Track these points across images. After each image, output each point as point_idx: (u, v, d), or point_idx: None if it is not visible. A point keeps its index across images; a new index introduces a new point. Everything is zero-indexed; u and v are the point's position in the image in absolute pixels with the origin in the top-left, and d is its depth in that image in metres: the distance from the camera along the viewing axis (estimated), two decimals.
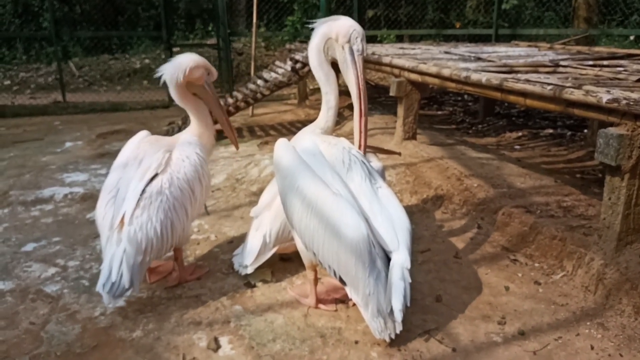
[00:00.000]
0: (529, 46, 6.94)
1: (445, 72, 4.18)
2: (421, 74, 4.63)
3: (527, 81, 3.35)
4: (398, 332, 2.28)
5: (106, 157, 5.49)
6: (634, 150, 2.57)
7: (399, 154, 3.55)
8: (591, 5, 8.81)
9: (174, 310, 2.68)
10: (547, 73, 3.87)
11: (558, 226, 3.20)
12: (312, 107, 8.07)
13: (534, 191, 3.86)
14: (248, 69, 9.92)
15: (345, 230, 2.24)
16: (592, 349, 2.36)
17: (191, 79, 2.86)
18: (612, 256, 2.74)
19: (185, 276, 2.95)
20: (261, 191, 3.25)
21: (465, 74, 3.92)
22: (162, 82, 2.83)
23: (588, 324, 2.54)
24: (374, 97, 8.13)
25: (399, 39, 11.26)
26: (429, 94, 6.70)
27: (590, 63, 4.39)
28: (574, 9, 9.16)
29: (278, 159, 2.52)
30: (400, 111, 5.07)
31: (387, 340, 2.30)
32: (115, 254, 2.50)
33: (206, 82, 2.93)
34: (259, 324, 2.56)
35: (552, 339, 2.43)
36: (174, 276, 2.98)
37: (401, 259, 2.28)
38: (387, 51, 5.98)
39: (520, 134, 6.01)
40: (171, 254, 2.97)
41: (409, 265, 2.27)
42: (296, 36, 10.07)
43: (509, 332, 2.48)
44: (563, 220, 3.30)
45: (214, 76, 2.97)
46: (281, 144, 2.55)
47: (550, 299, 2.77)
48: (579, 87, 2.93)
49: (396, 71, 5.07)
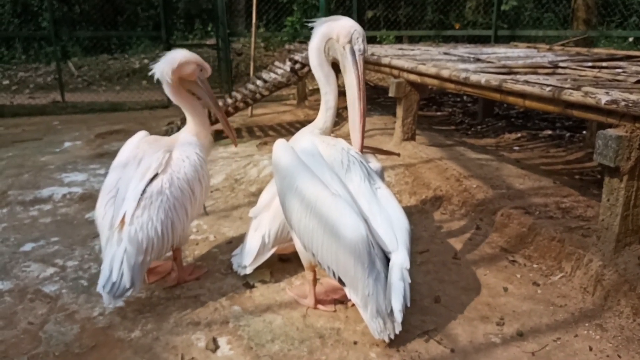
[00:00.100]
0: (528, 47, 6.94)
1: (445, 73, 4.18)
2: (420, 74, 4.63)
3: (526, 82, 3.36)
4: (397, 332, 2.28)
5: (105, 157, 5.49)
6: (633, 152, 2.58)
7: (398, 155, 3.54)
8: (590, 7, 8.82)
9: (172, 310, 2.68)
10: (546, 74, 3.87)
11: (557, 227, 3.20)
12: (311, 107, 8.07)
13: (533, 192, 3.87)
14: (247, 69, 9.91)
15: (344, 231, 2.24)
16: (590, 350, 2.36)
17: (183, 75, 2.85)
18: (610, 257, 2.74)
19: (184, 276, 2.95)
20: (260, 191, 3.25)
21: (464, 75, 3.93)
22: (156, 80, 2.83)
23: (586, 325, 2.55)
24: (373, 98, 8.14)
25: (398, 39, 11.27)
26: (428, 94, 6.72)
27: (589, 64, 4.40)
28: (573, 11, 9.17)
29: (277, 159, 2.51)
30: (399, 112, 5.07)
31: (386, 340, 2.30)
32: (116, 254, 2.50)
33: (199, 78, 2.92)
34: (257, 324, 2.56)
35: (550, 340, 2.43)
36: (172, 276, 2.98)
37: (400, 259, 2.28)
38: (387, 52, 5.99)
39: (519, 135, 6.02)
40: (170, 254, 2.97)
41: (408, 266, 2.27)
42: (295, 37, 10.07)
43: (508, 333, 2.48)
44: (562, 222, 3.31)
45: (207, 72, 2.96)
46: (280, 144, 2.55)
47: (548, 300, 2.77)
48: (578, 89, 2.94)
49: (395, 72, 5.08)
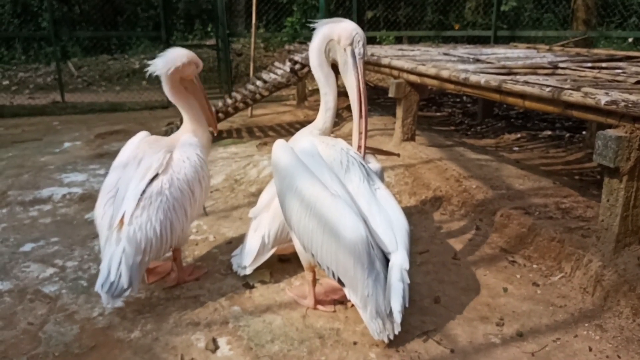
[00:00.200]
0: (528, 48, 6.94)
1: (444, 73, 4.18)
2: (420, 75, 4.63)
3: (526, 83, 3.36)
4: (396, 333, 2.28)
5: (105, 157, 5.49)
6: (632, 152, 2.58)
7: (398, 155, 3.54)
8: (590, 8, 8.82)
9: (172, 310, 2.68)
10: (546, 75, 3.87)
11: (556, 228, 3.20)
12: (311, 108, 8.07)
13: (533, 193, 3.87)
14: (247, 69, 9.91)
15: (343, 232, 2.24)
16: (590, 350, 2.36)
17: (183, 75, 2.87)
18: (610, 258, 2.74)
19: (184, 277, 2.95)
20: (260, 192, 3.25)
21: (464, 75, 3.93)
22: (155, 76, 2.84)
23: (586, 325, 2.55)
24: (373, 99, 8.14)
25: (398, 40, 11.26)
26: (428, 95, 6.72)
27: (589, 65, 4.40)
28: (572, 11, 9.17)
29: (276, 160, 2.51)
30: (399, 112, 5.07)
31: (386, 341, 2.30)
32: (115, 254, 2.50)
33: (194, 75, 2.94)
34: (257, 324, 2.56)
35: (550, 341, 2.43)
36: (172, 277, 2.98)
37: (400, 260, 2.28)
38: (386, 52, 5.99)
39: (518, 135, 6.02)
40: (170, 254, 2.97)
41: (407, 266, 2.27)
42: (295, 37, 10.06)
43: (507, 334, 2.48)
44: (561, 222, 3.31)
45: (200, 67, 2.98)
46: (279, 145, 2.55)
47: (548, 300, 2.77)
48: (577, 89, 2.94)
49: (395, 72, 5.08)
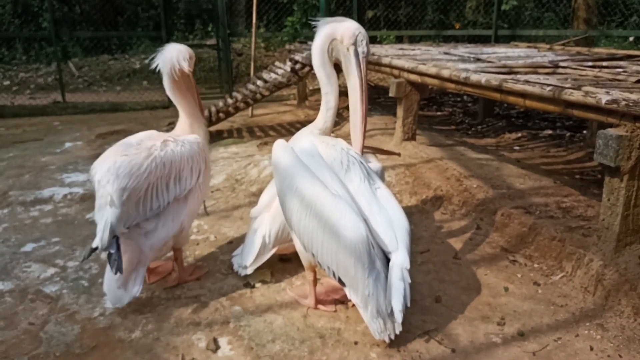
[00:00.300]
0: (529, 47, 6.94)
1: (445, 72, 4.18)
2: (421, 74, 4.63)
3: (527, 82, 3.35)
4: (397, 332, 2.28)
5: None
6: (633, 151, 2.58)
7: (399, 155, 3.54)
8: (590, 7, 8.81)
9: (173, 310, 2.69)
10: (547, 74, 3.87)
11: (557, 227, 3.20)
12: (312, 107, 8.06)
13: (533, 192, 3.87)
14: (248, 69, 9.91)
15: (344, 231, 2.24)
16: (591, 349, 2.36)
17: (185, 69, 2.86)
18: (611, 257, 2.74)
19: (185, 277, 2.95)
20: (260, 192, 3.25)
21: (464, 74, 3.93)
22: (155, 76, 2.83)
23: (587, 324, 2.55)
24: (373, 98, 8.14)
25: (399, 39, 11.27)
26: (429, 94, 6.70)
27: (590, 64, 4.40)
28: (573, 10, 9.16)
29: (276, 160, 2.51)
30: (400, 112, 5.07)
31: (387, 341, 2.30)
32: (105, 211, 2.47)
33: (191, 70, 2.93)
34: (258, 324, 2.56)
35: (551, 340, 2.43)
36: (173, 277, 2.98)
37: (400, 259, 2.28)
38: (387, 52, 5.99)
39: (519, 134, 6.02)
40: (171, 254, 2.97)
41: (408, 266, 2.27)
42: (296, 37, 10.05)
43: (508, 333, 2.48)
44: (562, 221, 3.30)
45: (193, 60, 2.97)
46: (279, 145, 2.55)
47: (549, 299, 2.77)
48: (578, 88, 2.94)
49: (396, 72, 5.08)
